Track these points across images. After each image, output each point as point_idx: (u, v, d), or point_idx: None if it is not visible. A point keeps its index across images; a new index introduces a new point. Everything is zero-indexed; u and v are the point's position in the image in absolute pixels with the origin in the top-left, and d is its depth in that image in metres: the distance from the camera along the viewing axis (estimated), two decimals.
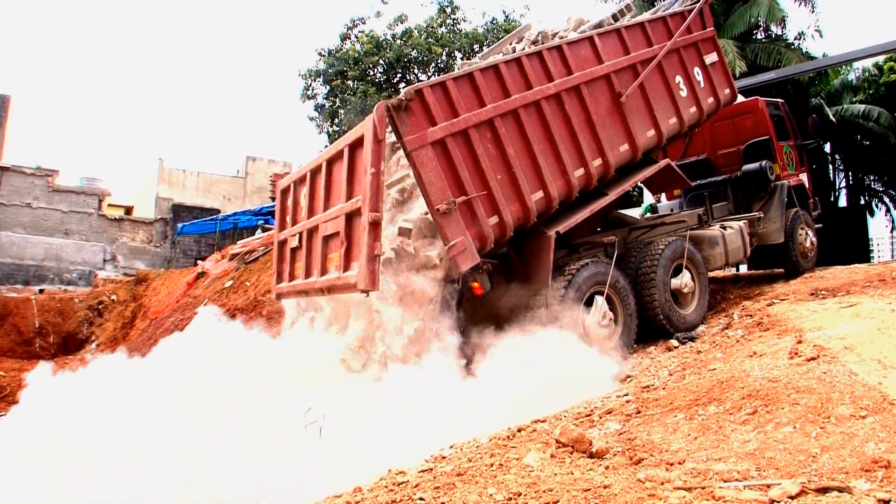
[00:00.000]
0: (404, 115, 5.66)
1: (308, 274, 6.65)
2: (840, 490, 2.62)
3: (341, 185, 6.08)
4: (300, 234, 6.95)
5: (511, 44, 9.17)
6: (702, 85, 8.47)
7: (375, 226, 5.38)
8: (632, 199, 19.22)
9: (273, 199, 22.18)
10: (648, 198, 13.36)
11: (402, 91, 5.79)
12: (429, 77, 25.05)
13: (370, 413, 4.39)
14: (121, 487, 3.76)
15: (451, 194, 5.76)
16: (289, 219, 7.53)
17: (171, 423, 4.55)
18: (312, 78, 26.97)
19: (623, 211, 9.40)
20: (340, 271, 5.79)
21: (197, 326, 7.59)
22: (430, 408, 4.40)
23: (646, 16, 8.58)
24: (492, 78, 6.33)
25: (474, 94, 6.17)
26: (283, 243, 7.58)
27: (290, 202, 7.52)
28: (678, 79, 8.13)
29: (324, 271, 6.29)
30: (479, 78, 6.21)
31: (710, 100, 8.63)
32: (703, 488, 2.79)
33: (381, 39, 25.77)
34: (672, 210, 10.02)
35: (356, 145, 5.91)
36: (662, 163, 8.00)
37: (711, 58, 8.68)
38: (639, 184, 8.44)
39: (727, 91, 8.90)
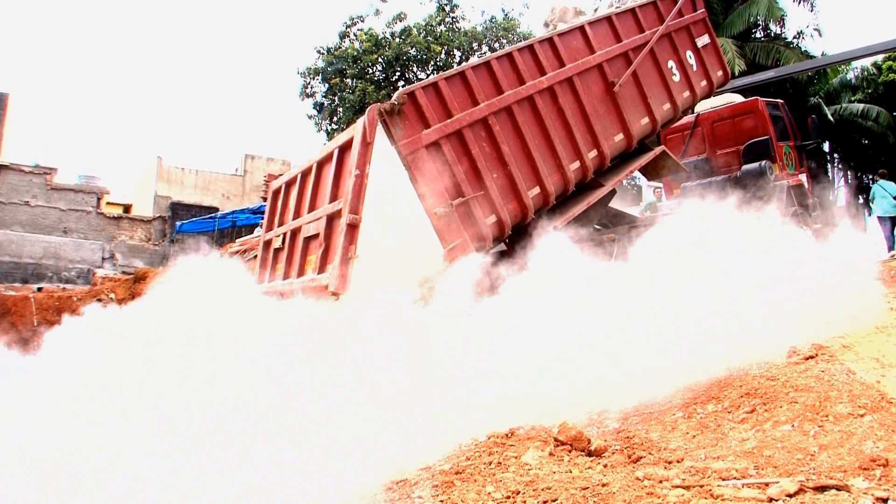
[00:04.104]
0: (397, 118, 5.63)
1: (286, 275, 6.61)
2: (838, 488, 2.63)
3: (327, 187, 6.07)
4: (284, 234, 6.93)
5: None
6: (694, 68, 8.44)
7: (353, 228, 5.38)
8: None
9: (265, 199, 22.17)
10: (648, 196, 13.38)
11: (395, 95, 5.76)
12: (428, 75, 25.03)
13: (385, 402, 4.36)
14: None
15: (447, 197, 5.74)
16: (276, 220, 7.52)
17: (146, 413, 4.42)
18: (311, 76, 26.93)
19: (623, 209, 9.40)
20: (316, 273, 5.77)
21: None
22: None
23: None
24: (484, 75, 6.32)
25: (467, 92, 6.15)
26: (268, 244, 7.57)
27: (279, 203, 7.52)
28: (671, 64, 8.10)
29: (301, 273, 6.26)
30: (471, 76, 6.19)
31: (703, 83, 8.60)
32: (701, 486, 2.80)
33: (379, 38, 25.72)
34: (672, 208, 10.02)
35: (346, 147, 5.90)
36: (658, 150, 7.99)
37: (703, 40, 8.65)
38: (638, 183, 8.44)
39: (720, 73, 8.88)
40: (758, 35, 20.57)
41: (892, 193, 12.02)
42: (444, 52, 25.78)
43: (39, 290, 21.07)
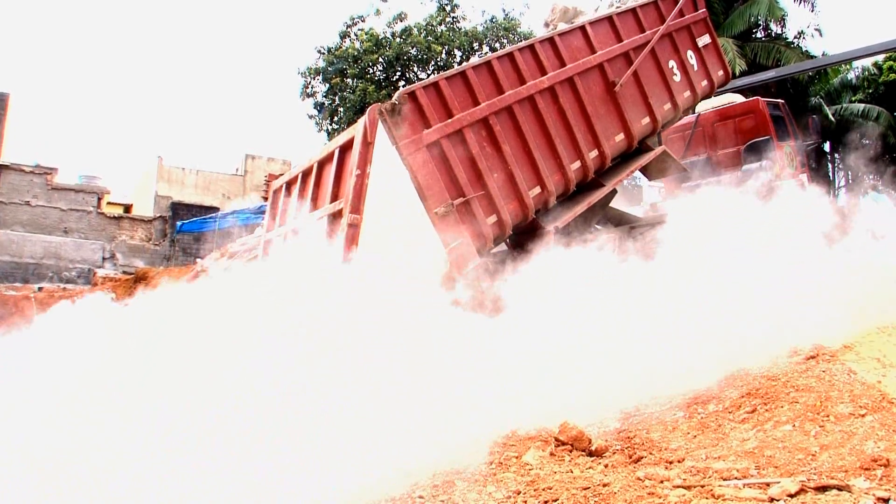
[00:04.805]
0: (398, 118, 5.63)
1: None
2: (839, 488, 2.62)
3: (328, 187, 6.08)
4: (285, 234, 6.94)
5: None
6: (695, 68, 8.44)
7: (353, 228, 5.39)
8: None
9: (265, 198, 22.17)
10: (651, 196, 13.38)
11: (396, 94, 5.77)
12: (428, 75, 25.01)
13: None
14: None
15: (448, 197, 5.74)
16: (277, 219, 7.53)
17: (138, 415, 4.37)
18: (312, 76, 26.93)
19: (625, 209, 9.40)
20: None
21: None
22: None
23: None
24: (485, 75, 6.31)
25: (468, 92, 6.15)
26: (268, 243, 7.58)
27: (280, 203, 7.53)
28: (671, 63, 8.10)
29: None
30: (472, 76, 6.19)
31: (704, 83, 8.59)
32: (702, 486, 2.79)
33: (380, 37, 25.71)
34: None
35: (347, 147, 5.91)
36: (658, 150, 7.98)
37: (704, 40, 8.64)
38: (639, 183, 8.43)
39: (720, 73, 8.87)
40: (758, 35, 20.57)
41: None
42: (444, 51, 25.77)
43: (40, 289, 21.09)
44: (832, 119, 19.57)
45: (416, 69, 26.09)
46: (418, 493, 3.12)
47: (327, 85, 26.62)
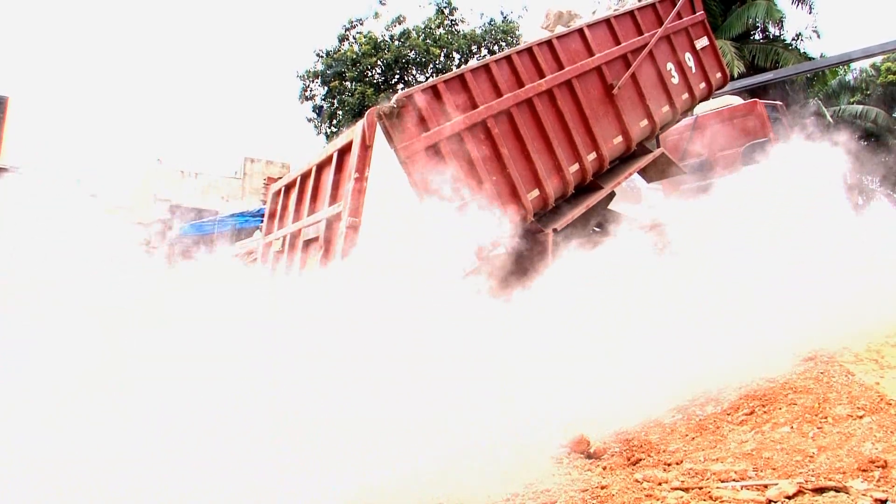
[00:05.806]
0: (396, 121, 5.64)
1: None
2: (837, 490, 2.63)
3: (327, 191, 6.09)
4: (284, 237, 6.95)
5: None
6: (693, 70, 8.44)
7: (352, 231, 5.39)
8: None
9: (264, 201, 22.16)
10: (648, 199, 13.39)
11: (394, 97, 5.77)
12: (427, 78, 25.04)
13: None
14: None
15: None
16: (276, 222, 7.54)
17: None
18: (310, 79, 26.95)
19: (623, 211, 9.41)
20: None
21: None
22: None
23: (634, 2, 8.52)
24: (483, 78, 6.32)
25: (466, 95, 6.15)
26: (268, 246, 7.59)
27: (279, 206, 7.54)
28: (669, 66, 8.10)
29: None
30: (470, 79, 6.20)
31: (703, 85, 8.60)
32: (700, 488, 2.80)
33: (379, 40, 25.73)
34: None
35: (345, 150, 5.92)
36: (657, 152, 7.99)
37: (702, 42, 8.65)
38: (638, 185, 8.43)
39: (719, 75, 8.88)
40: (756, 37, 20.61)
41: None
42: (442, 54, 25.79)
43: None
44: (830, 120, 19.61)
45: (414, 72, 26.11)
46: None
47: (326, 88, 26.64)
